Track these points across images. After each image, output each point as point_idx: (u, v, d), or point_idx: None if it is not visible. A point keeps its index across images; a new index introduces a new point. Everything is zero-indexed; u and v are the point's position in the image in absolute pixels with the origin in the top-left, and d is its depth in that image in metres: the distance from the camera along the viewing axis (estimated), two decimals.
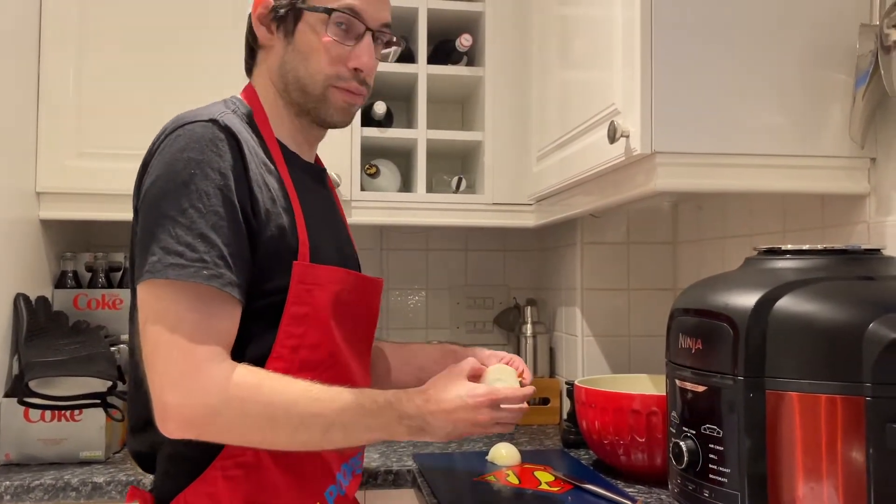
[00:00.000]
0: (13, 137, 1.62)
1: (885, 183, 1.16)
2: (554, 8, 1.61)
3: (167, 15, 1.75)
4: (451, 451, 1.59)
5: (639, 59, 1.13)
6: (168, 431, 0.90)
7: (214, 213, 0.92)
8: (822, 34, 1.17)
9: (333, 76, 1.06)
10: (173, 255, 0.89)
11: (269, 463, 0.98)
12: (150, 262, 0.90)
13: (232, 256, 0.92)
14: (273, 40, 1.07)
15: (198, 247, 0.90)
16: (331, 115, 1.10)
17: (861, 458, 0.83)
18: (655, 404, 1.28)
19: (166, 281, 0.90)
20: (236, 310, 0.95)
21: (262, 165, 1.00)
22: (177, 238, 0.90)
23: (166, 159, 0.94)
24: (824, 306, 0.87)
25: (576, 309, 1.84)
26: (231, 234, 0.93)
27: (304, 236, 1.02)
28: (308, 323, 1.00)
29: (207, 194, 0.92)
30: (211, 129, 0.95)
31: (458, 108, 2.21)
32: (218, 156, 0.94)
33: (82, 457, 1.50)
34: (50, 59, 1.70)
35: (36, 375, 1.46)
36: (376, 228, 2.16)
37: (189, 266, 0.89)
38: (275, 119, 1.09)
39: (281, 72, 1.07)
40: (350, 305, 1.08)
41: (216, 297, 0.91)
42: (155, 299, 0.91)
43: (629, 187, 1.24)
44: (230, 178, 0.94)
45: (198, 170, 0.92)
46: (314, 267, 1.02)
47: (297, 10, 1.05)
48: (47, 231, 1.77)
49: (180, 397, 0.89)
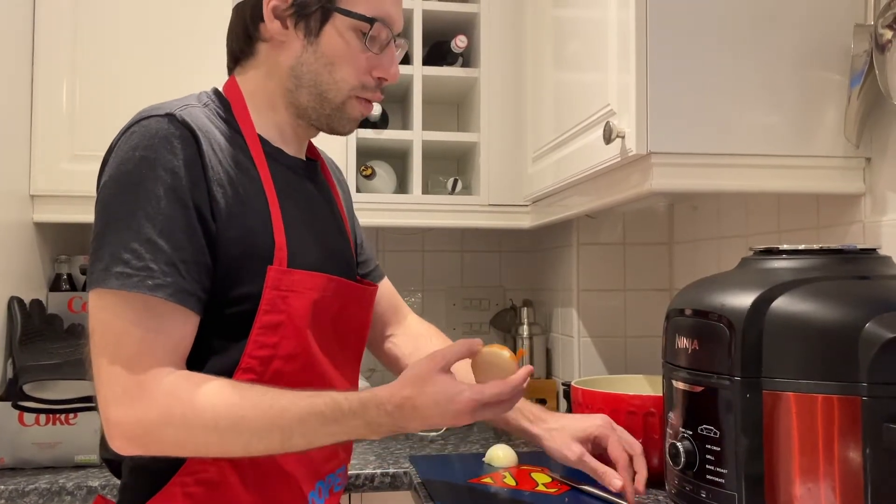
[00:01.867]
0: (7, 140, 1.61)
1: (879, 182, 1.17)
2: (548, 9, 1.61)
3: (160, 19, 1.75)
4: (447, 453, 1.59)
5: (634, 60, 1.13)
6: (116, 448, 0.86)
7: (165, 216, 0.86)
8: (817, 34, 1.17)
9: (358, 86, 1.01)
10: (119, 262, 0.84)
11: (235, 480, 0.92)
12: (98, 271, 0.86)
13: (184, 262, 0.86)
14: (287, 36, 0.98)
15: (143, 254, 0.85)
16: (342, 125, 1.05)
17: (858, 458, 0.83)
18: (652, 405, 1.28)
19: (111, 291, 0.85)
20: (188, 319, 0.88)
21: (230, 163, 0.94)
22: (123, 244, 0.85)
23: (119, 158, 0.89)
24: (820, 306, 0.87)
25: (572, 310, 1.84)
26: (184, 238, 0.87)
27: (280, 239, 0.95)
28: (282, 332, 0.94)
29: (158, 197, 0.86)
30: (165, 125, 0.89)
31: (453, 109, 2.21)
32: (171, 154, 0.87)
33: (77, 461, 1.49)
34: (43, 61, 1.70)
35: (30, 379, 1.45)
36: (372, 230, 2.16)
37: (134, 275, 0.84)
38: (259, 114, 1.02)
39: (295, 72, 1.00)
40: (332, 313, 1.01)
41: (163, 307, 0.86)
42: (100, 310, 0.86)
43: (625, 188, 1.24)
44: (183, 178, 0.87)
45: (149, 170, 0.86)
46: (290, 272, 0.94)
47: (327, 11, 0.97)
48: (42, 234, 1.77)
49: (122, 414, 0.84)
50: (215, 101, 1.00)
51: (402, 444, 1.70)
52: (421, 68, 1.88)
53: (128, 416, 0.85)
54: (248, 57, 1.03)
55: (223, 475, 0.92)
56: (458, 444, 1.68)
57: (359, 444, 1.69)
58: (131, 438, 0.85)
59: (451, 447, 1.66)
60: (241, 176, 0.94)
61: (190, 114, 0.92)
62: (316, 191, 1.10)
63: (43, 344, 1.56)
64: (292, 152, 1.07)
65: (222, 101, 1.01)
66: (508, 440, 1.72)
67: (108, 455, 0.99)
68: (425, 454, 1.58)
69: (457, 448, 1.65)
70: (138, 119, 0.91)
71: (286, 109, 1.03)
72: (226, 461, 0.92)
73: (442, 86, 1.97)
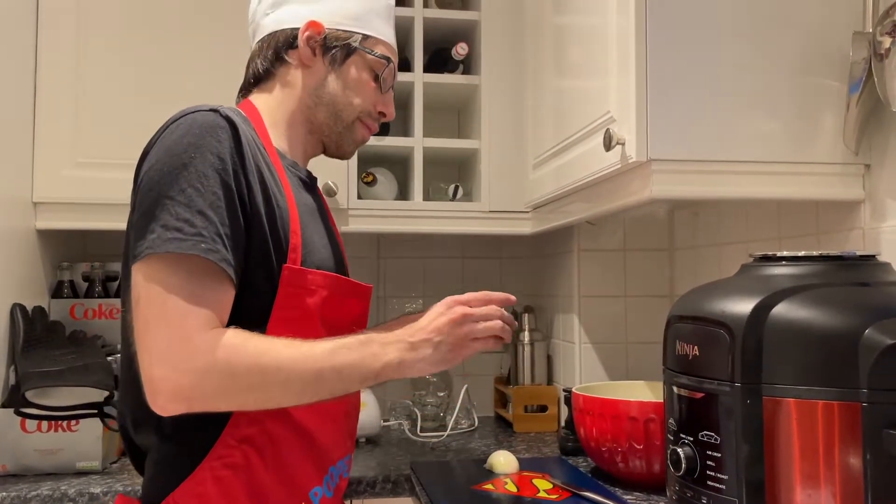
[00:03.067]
0: (9, 147, 1.62)
1: (879, 189, 1.17)
2: (549, 17, 1.62)
3: (164, 26, 1.75)
4: (449, 460, 1.59)
5: (633, 68, 1.14)
6: (159, 407, 0.90)
7: (212, 193, 0.93)
8: (815, 42, 1.17)
9: (366, 112, 1.18)
10: (172, 230, 0.90)
11: (258, 462, 0.98)
12: (150, 240, 0.90)
13: (227, 237, 0.93)
14: (314, 62, 1.14)
15: (196, 222, 0.91)
16: (347, 144, 1.20)
17: (858, 464, 0.83)
18: (653, 411, 1.28)
19: (163, 255, 0.90)
20: (230, 288, 0.95)
21: (260, 161, 1.02)
22: (176, 215, 0.91)
23: (167, 145, 0.95)
24: (820, 313, 0.87)
25: (573, 316, 1.84)
26: (228, 214, 0.94)
27: (296, 239, 1.02)
28: (297, 327, 1.00)
29: (206, 175, 0.93)
30: (212, 117, 0.96)
31: (454, 116, 2.21)
32: (217, 141, 0.95)
33: (79, 467, 1.49)
34: (46, 69, 1.71)
35: (32, 386, 1.46)
36: (373, 236, 2.17)
37: (187, 239, 0.90)
38: (277, 129, 1.13)
39: (318, 91, 1.15)
40: (338, 311, 1.09)
41: (212, 271, 0.92)
42: (148, 277, 0.91)
43: (625, 194, 1.25)
44: (228, 164, 0.95)
45: (196, 153, 0.93)
46: (305, 271, 1.02)
47: (352, 48, 1.15)
48: (44, 241, 1.77)
49: (167, 369, 0.88)
50: (240, 112, 1.08)
51: (404, 450, 1.70)
52: (422, 75, 1.89)
53: (173, 369, 0.88)
54: (270, 78, 1.16)
55: (247, 458, 0.97)
56: (459, 451, 1.68)
57: (360, 450, 1.69)
58: (176, 392, 0.89)
59: (452, 453, 1.66)
60: (267, 176, 1.02)
61: (231, 111, 1.00)
62: (319, 201, 1.21)
63: (45, 351, 1.56)
64: (301, 165, 1.18)
65: (243, 116, 1.08)
66: (510, 447, 1.72)
67: (138, 440, 1.01)
68: (426, 460, 1.58)
69: (458, 454, 1.65)
70: (184, 113, 0.98)
71: (302, 125, 1.16)
72: (250, 447, 0.97)
73: (443, 93, 1.98)
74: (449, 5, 1.98)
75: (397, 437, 1.86)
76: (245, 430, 0.97)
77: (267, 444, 0.99)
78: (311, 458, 1.04)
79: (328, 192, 1.74)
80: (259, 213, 0.98)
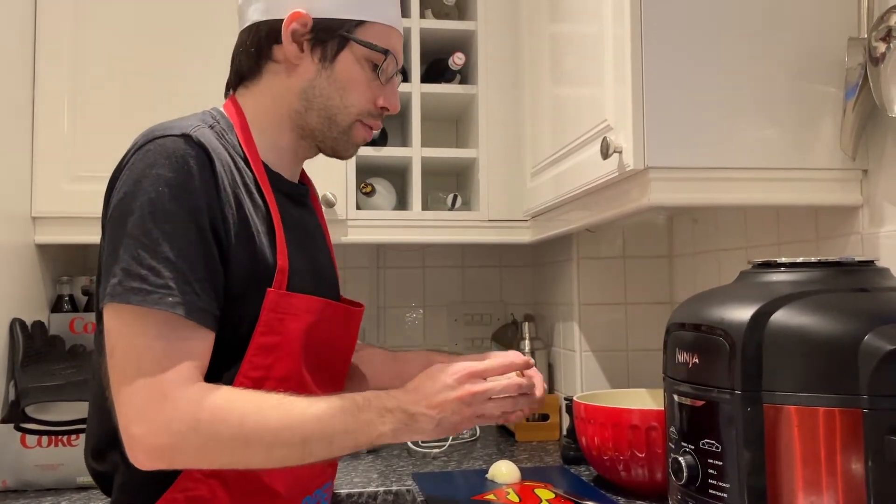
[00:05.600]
0: (8, 162, 1.62)
1: (877, 194, 1.17)
2: (545, 25, 1.63)
3: (161, 40, 1.76)
4: (450, 470, 1.58)
5: (629, 76, 1.14)
6: (139, 463, 0.86)
7: (181, 235, 0.87)
8: (811, 48, 1.18)
9: (364, 112, 1.05)
10: (136, 278, 0.85)
11: (223, 497, 0.93)
12: (112, 285, 0.86)
13: (199, 281, 0.88)
14: (301, 59, 1.01)
15: (162, 272, 0.86)
16: (346, 149, 1.08)
17: (860, 471, 0.83)
18: (654, 419, 1.27)
19: (130, 307, 0.85)
20: (206, 336, 0.90)
21: (239, 185, 0.95)
22: (139, 261, 0.85)
23: (135, 175, 0.89)
24: (820, 319, 0.87)
25: (573, 324, 1.84)
26: (200, 258, 0.88)
27: (283, 262, 0.96)
28: (277, 354, 0.95)
29: (175, 215, 0.87)
30: (182, 145, 0.90)
31: (452, 125, 2.22)
32: (188, 174, 0.89)
33: (79, 482, 1.49)
34: (44, 83, 1.71)
35: (32, 401, 1.45)
36: (373, 247, 2.17)
37: (154, 292, 0.85)
38: (262, 136, 1.03)
39: (307, 94, 1.02)
40: (322, 336, 1.03)
41: (182, 324, 0.87)
42: (121, 325, 0.87)
43: (623, 202, 1.25)
44: (201, 198, 0.89)
45: (166, 188, 0.87)
46: (289, 295, 0.96)
47: (344, 39, 1.01)
48: (43, 255, 1.77)
49: (146, 427, 0.85)
50: (220, 122, 1.01)
51: (406, 461, 1.69)
52: (419, 86, 1.89)
53: (152, 428, 0.85)
54: (256, 77, 1.04)
55: (213, 492, 0.93)
56: (461, 461, 1.68)
57: (361, 461, 1.68)
58: (155, 450, 0.85)
59: (454, 464, 1.65)
60: (247, 199, 0.96)
61: (203, 135, 0.93)
62: (307, 215, 1.12)
63: (45, 365, 1.56)
64: (288, 176, 1.08)
65: (226, 123, 1.02)
66: (512, 456, 1.71)
67: (100, 468, 0.98)
68: (428, 471, 1.57)
69: (460, 465, 1.64)
70: (153, 137, 0.92)
71: (292, 131, 1.05)
72: (216, 481, 0.93)
73: (440, 103, 1.98)
74: (446, 16, 1.99)
75: (398, 447, 1.85)
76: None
77: (236, 478, 0.93)
78: (285, 491, 0.98)
79: (327, 203, 1.74)
80: (237, 244, 0.92)
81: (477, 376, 0.93)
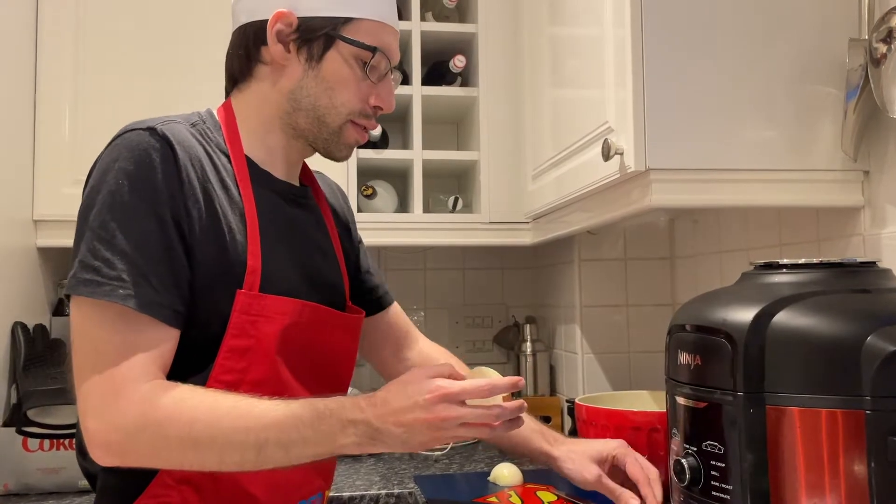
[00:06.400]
0: (10, 166, 1.62)
1: (878, 195, 1.17)
2: (545, 28, 1.63)
3: (162, 42, 1.76)
4: (452, 473, 1.58)
5: (630, 78, 1.14)
6: (95, 458, 0.86)
7: (139, 229, 0.86)
8: (812, 49, 1.18)
9: (356, 112, 1.03)
10: (90, 270, 0.85)
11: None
12: (69, 277, 0.86)
13: (157, 275, 0.86)
14: (288, 60, 1.00)
15: (115, 263, 0.85)
16: (339, 150, 1.05)
17: (863, 472, 0.83)
18: (657, 421, 1.27)
19: (86, 299, 0.85)
20: (165, 332, 0.88)
21: (210, 182, 0.93)
22: (94, 253, 0.85)
23: (101, 169, 0.90)
24: (821, 320, 0.86)
25: (575, 326, 1.84)
26: (158, 251, 0.87)
27: (254, 262, 0.93)
28: (250, 358, 0.92)
29: (134, 208, 0.86)
30: (146, 138, 0.90)
31: (453, 128, 2.22)
32: (149, 167, 0.88)
33: (81, 486, 1.49)
34: (45, 87, 1.72)
35: (34, 404, 1.45)
36: (374, 249, 2.16)
37: (105, 284, 0.84)
38: (251, 136, 1.02)
39: (294, 95, 1.01)
40: (306, 340, 0.99)
41: (137, 318, 0.85)
42: (80, 318, 0.87)
43: (624, 204, 1.24)
44: (162, 192, 0.88)
45: (126, 180, 0.87)
46: (261, 297, 0.93)
47: (330, 38, 0.99)
48: (45, 259, 1.77)
49: (99, 422, 0.84)
50: (205, 121, 1.01)
51: (407, 464, 1.69)
52: (420, 88, 1.90)
53: (104, 424, 0.84)
54: (247, 79, 1.04)
55: (185, 498, 0.91)
56: (463, 464, 1.68)
57: (363, 464, 1.68)
58: (108, 446, 0.85)
59: (455, 466, 1.65)
60: (220, 195, 0.94)
61: (171, 129, 0.92)
62: (303, 215, 1.09)
63: (46, 369, 1.56)
64: (281, 175, 1.06)
65: (213, 122, 1.01)
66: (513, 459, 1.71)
67: (86, 465, 0.98)
68: (430, 474, 1.57)
69: (462, 467, 1.64)
70: (121, 132, 0.93)
71: (282, 131, 1.04)
72: (189, 487, 0.91)
73: (441, 105, 1.99)
74: (446, 18, 1.99)
75: None
76: (185, 470, 0.89)
77: (209, 484, 0.91)
78: (265, 500, 0.95)
79: None
80: (203, 240, 0.90)
81: (452, 399, 0.85)
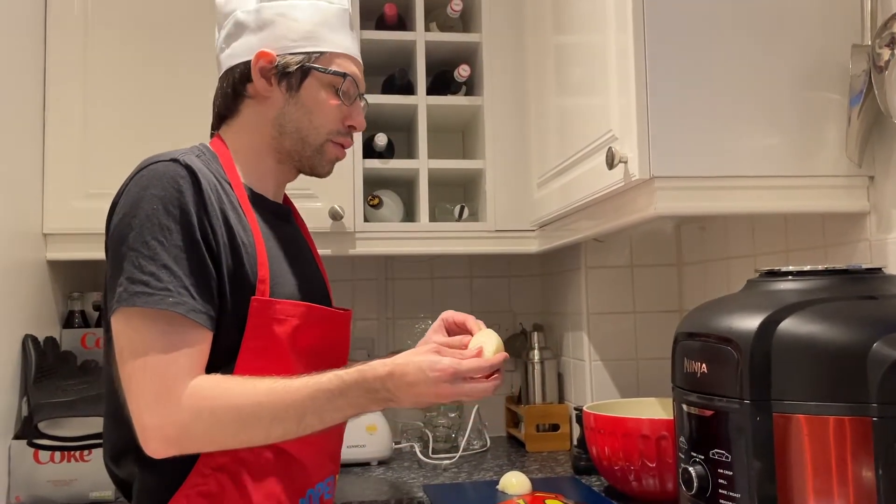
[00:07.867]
0: (20, 180, 1.64)
1: (884, 201, 1.17)
2: (549, 36, 1.63)
3: (170, 57, 1.78)
4: (461, 482, 1.58)
5: (633, 85, 1.15)
6: (152, 452, 0.95)
7: (176, 246, 0.98)
8: (815, 56, 1.18)
9: (334, 132, 1.17)
10: (139, 284, 0.96)
11: (231, 489, 1.02)
12: (118, 293, 0.96)
13: (195, 287, 0.98)
14: (271, 92, 1.14)
15: (162, 276, 0.96)
16: (322, 166, 1.19)
17: (871, 479, 0.82)
18: (665, 428, 1.27)
19: (136, 309, 0.96)
20: (203, 334, 1.00)
21: (225, 203, 1.06)
22: (141, 268, 0.96)
23: (133, 197, 1.01)
24: (827, 327, 0.86)
25: (582, 333, 1.84)
26: (193, 265, 0.98)
27: (264, 272, 1.06)
28: (267, 356, 1.04)
29: (169, 229, 0.98)
30: (173, 168, 1.01)
31: (458, 137, 2.23)
32: (178, 192, 1.00)
33: (92, 497, 1.50)
34: (54, 101, 1.73)
35: (45, 417, 1.46)
36: (381, 259, 2.17)
37: (155, 294, 0.95)
38: (245, 165, 1.15)
39: (279, 121, 1.15)
40: (313, 339, 1.12)
41: (183, 322, 0.97)
42: (127, 328, 0.97)
43: (630, 211, 1.25)
44: (191, 214, 0.99)
45: (160, 205, 0.99)
46: (272, 301, 1.06)
47: (306, 70, 1.14)
48: (54, 272, 1.79)
49: (156, 418, 0.94)
50: (206, 153, 1.12)
51: (416, 472, 1.69)
52: (425, 98, 1.90)
53: (161, 419, 0.94)
54: (235, 114, 1.17)
55: (221, 486, 1.01)
56: (471, 472, 1.68)
57: (372, 473, 1.68)
58: (167, 439, 0.95)
59: (464, 475, 1.65)
60: (231, 216, 1.06)
61: (191, 160, 1.04)
62: (292, 230, 1.23)
63: (57, 381, 1.57)
64: (272, 197, 1.19)
65: (212, 154, 1.13)
66: (522, 467, 1.71)
67: (120, 474, 1.06)
68: (439, 483, 1.57)
69: (470, 476, 1.64)
70: (146, 164, 1.04)
71: (270, 157, 1.17)
72: (224, 474, 1.02)
73: (446, 114, 1.99)
74: (450, 28, 2.00)
75: (409, 459, 1.85)
76: (219, 459, 1.01)
77: (241, 470, 1.02)
78: (289, 483, 1.07)
79: (334, 216, 1.75)
80: (225, 255, 1.02)
81: (457, 378, 0.98)
